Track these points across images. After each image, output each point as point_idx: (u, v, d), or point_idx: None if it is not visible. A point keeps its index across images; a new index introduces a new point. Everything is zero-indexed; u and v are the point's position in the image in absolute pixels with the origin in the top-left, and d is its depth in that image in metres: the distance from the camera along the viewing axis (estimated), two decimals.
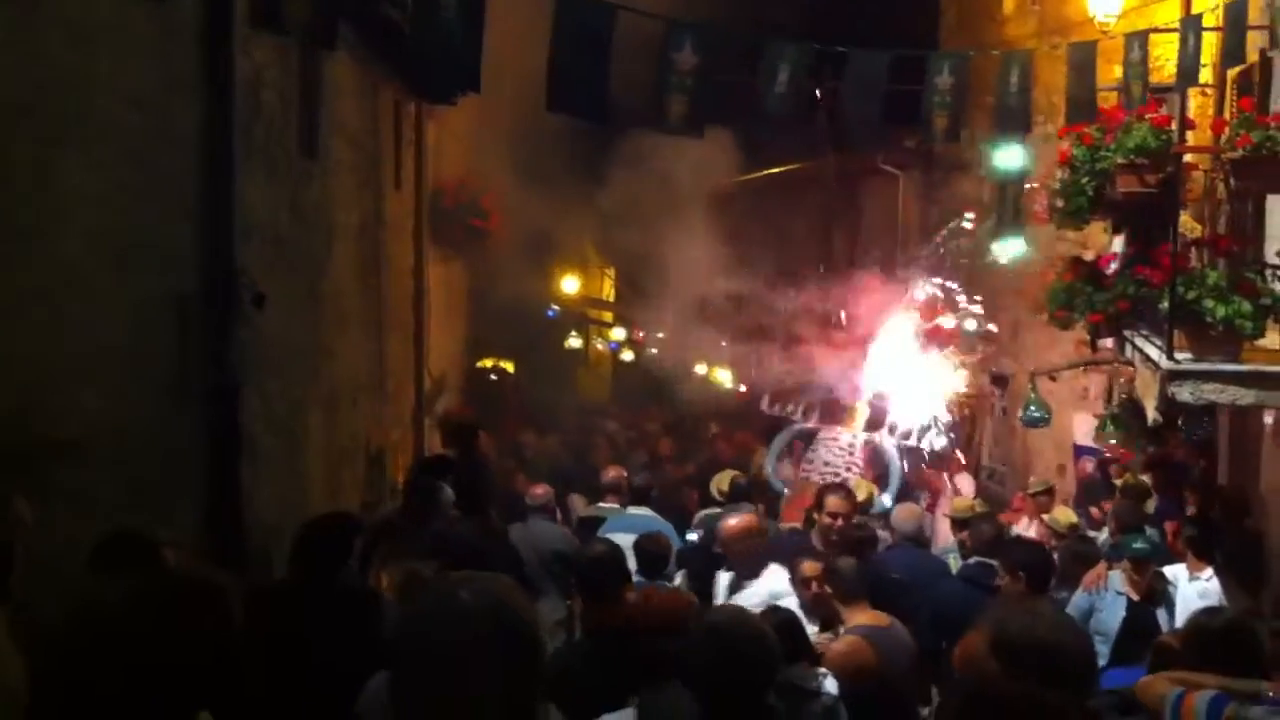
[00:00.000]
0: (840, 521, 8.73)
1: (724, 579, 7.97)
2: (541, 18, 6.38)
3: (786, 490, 13.46)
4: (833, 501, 8.86)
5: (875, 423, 14.51)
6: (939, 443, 14.65)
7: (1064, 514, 11.42)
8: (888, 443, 14.25)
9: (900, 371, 14.71)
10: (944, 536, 12.03)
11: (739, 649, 4.29)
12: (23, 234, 5.16)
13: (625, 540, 7.79)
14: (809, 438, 14.62)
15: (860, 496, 11.11)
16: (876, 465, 14.31)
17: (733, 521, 7.97)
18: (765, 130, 7.92)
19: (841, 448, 14.24)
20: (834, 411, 14.76)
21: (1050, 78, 10.26)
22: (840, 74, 7.59)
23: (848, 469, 13.75)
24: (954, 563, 9.45)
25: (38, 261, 5.25)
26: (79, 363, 5.54)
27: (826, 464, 13.97)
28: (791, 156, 23.06)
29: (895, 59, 7.78)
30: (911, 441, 14.49)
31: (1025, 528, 13.02)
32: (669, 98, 6.66)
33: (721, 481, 12.13)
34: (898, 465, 13.97)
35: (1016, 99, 8.41)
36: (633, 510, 10.17)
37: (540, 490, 10.41)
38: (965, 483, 15.17)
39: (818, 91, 12.86)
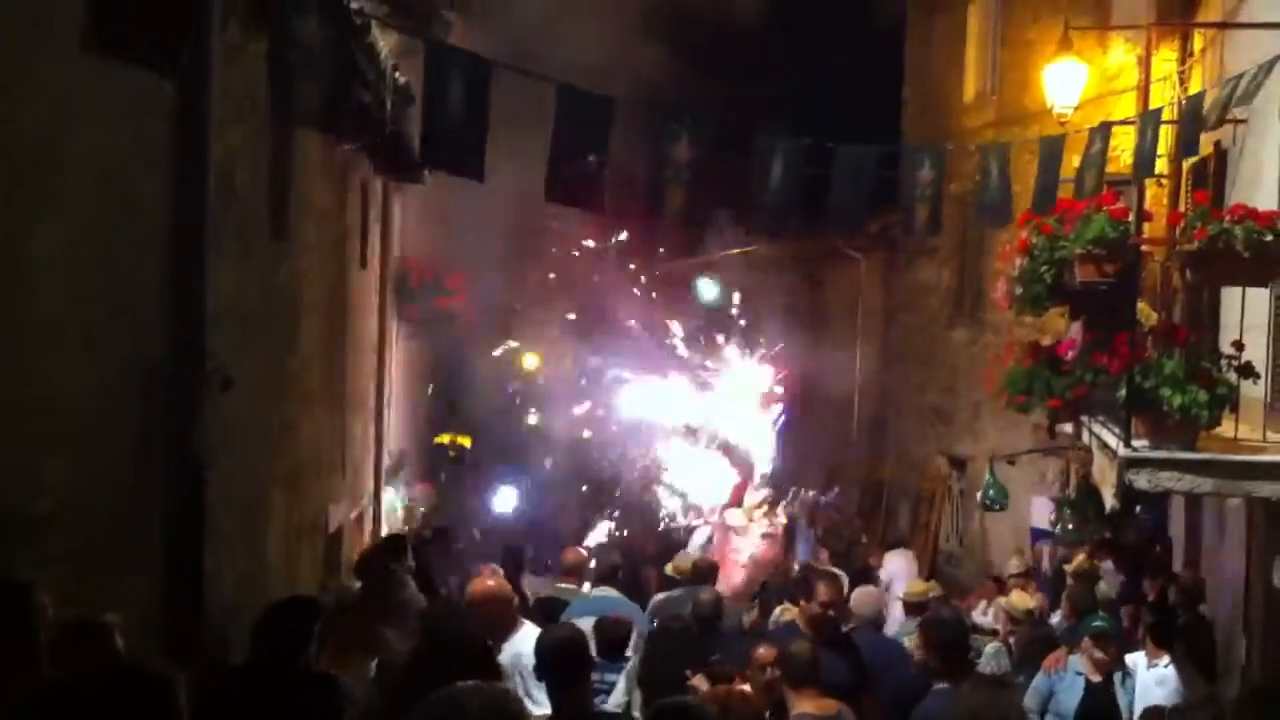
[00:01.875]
0: (832, 611, 8.50)
1: None
2: (506, 101, 6.41)
3: None
4: (823, 589, 8.58)
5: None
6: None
7: (1021, 599, 11.44)
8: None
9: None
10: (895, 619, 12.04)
11: None
12: None
13: (588, 624, 7.82)
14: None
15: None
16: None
17: (478, 586, 7.87)
18: (759, 219, 7.97)
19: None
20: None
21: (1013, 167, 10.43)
22: (829, 166, 7.67)
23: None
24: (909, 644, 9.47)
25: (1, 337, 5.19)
26: (44, 441, 5.48)
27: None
28: (752, 239, 23.25)
29: (881, 154, 7.91)
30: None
31: (982, 612, 13.08)
32: (667, 189, 6.74)
33: (682, 562, 12.14)
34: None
35: (998, 194, 8.55)
36: (596, 592, 10.13)
37: (488, 573, 10.31)
38: (896, 561, 15.28)
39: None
